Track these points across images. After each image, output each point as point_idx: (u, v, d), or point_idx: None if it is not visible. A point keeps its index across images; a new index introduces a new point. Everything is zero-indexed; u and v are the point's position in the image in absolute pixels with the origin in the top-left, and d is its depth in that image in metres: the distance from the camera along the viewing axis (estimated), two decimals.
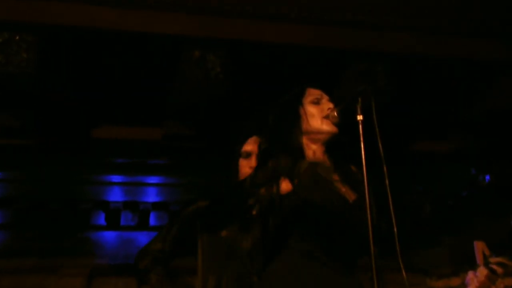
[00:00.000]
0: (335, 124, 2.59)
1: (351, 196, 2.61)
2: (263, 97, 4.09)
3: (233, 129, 5.36)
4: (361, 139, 2.45)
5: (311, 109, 2.66)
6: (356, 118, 2.47)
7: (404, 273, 2.34)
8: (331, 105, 2.66)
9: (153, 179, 6.25)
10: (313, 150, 2.61)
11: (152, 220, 6.40)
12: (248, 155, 3.27)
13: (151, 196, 6.33)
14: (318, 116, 2.63)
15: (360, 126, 2.46)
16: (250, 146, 3.28)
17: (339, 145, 2.64)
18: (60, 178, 5.94)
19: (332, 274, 2.48)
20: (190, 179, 6.27)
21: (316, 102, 2.68)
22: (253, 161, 3.22)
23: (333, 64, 4.77)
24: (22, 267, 5.72)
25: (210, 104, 4.89)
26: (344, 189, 2.63)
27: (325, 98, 2.71)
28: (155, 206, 6.41)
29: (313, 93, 2.72)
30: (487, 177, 6.14)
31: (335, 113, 2.58)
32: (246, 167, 3.24)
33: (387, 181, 2.47)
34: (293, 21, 4.57)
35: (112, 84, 4.96)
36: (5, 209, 5.90)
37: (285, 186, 2.45)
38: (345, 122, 2.57)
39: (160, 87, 4.89)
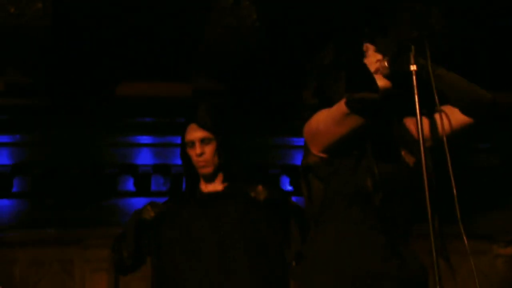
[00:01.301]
0: (387, 77, 2.57)
1: (410, 159, 2.63)
2: (306, 49, 4.10)
3: (269, 84, 5.39)
4: (415, 91, 2.45)
5: None
6: (408, 68, 2.47)
7: (465, 239, 2.36)
8: (379, 56, 2.64)
9: None
10: None
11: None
12: (192, 144, 3.70)
13: None
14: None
15: (414, 78, 2.46)
16: (191, 134, 3.72)
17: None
18: (82, 140, 5.99)
19: (387, 242, 2.51)
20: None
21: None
22: (197, 148, 3.66)
23: (382, 5, 4.72)
24: (43, 238, 5.82)
25: (245, 57, 4.89)
26: (403, 152, 2.65)
27: (371, 49, 2.69)
28: None
29: None
30: None
31: (386, 64, 2.57)
32: (194, 156, 3.68)
33: (445, 139, 2.47)
34: None
35: (137, 36, 5.00)
36: (22, 176, 5.97)
37: None
38: (396, 73, 2.56)
39: (189, 38, 4.90)
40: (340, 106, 2.40)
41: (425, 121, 2.57)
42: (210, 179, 3.76)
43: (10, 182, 5.88)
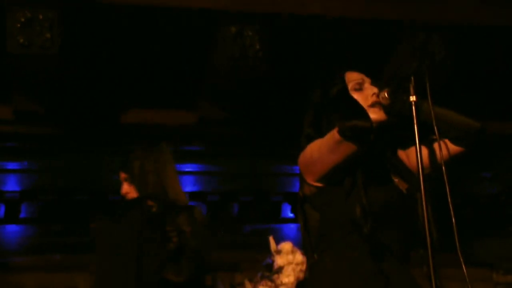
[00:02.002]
0: (386, 107, 2.60)
1: (403, 185, 2.65)
2: (307, 77, 4.14)
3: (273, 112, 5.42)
4: (415, 122, 2.48)
5: (354, 96, 2.67)
6: (408, 99, 2.50)
7: (464, 267, 2.38)
8: (375, 89, 2.66)
9: (188, 167, 6.31)
10: None
11: None
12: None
13: (187, 185, 6.39)
14: (363, 104, 2.64)
15: (414, 108, 2.48)
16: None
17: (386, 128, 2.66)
18: (88, 167, 6.02)
19: (388, 265, 2.53)
20: (228, 166, 6.33)
21: (359, 89, 2.68)
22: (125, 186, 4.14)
23: (383, 38, 4.77)
24: (50, 264, 5.83)
25: (249, 85, 4.92)
26: (396, 180, 2.67)
27: (367, 82, 2.70)
28: (192, 196, 6.45)
29: (353, 77, 2.72)
30: None
31: (386, 95, 2.59)
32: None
33: (443, 168, 2.50)
34: None
35: (142, 64, 5.04)
36: (29, 202, 5.99)
37: None
38: (394, 105, 2.58)
39: (194, 68, 4.94)
40: (333, 134, 2.42)
41: (422, 150, 2.59)
42: None
43: (18, 208, 5.89)
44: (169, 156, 4.21)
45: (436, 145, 2.60)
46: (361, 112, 2.50)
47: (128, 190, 4.10)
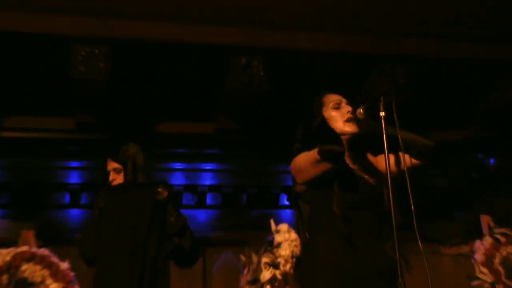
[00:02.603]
0: (361, 122, 2.61)
1: (371, 180, 2.66)
2: (300, 97, 4.14)
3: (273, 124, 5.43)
4: (384, 132, 2.49)
5: (333, 113, 2.67)
6: (379, 114, 2.51)
7: (420, 242, 2.39)
8: (350, 108, 2.66)
9: (208, 166, 6.32)
10: None
11: (209, 200, 6.47)
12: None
13: (207, 180, 6.40)
14: (340, 119, 2.64)
15: (383, 121, 2.50)
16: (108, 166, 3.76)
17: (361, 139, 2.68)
18: None
19: (364, 242, 2.54)
20: (239, 165, 6.35)
21: (337, 107, 2.69)
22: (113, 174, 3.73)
23: (361, 67, 4.79)
24: None
25: (255, 103, 4.94)
26: (366, 176, 2.68)
27: (344, 102, 2.70)
28: (211, 188, 6.46)
29: (333, 99, 2.71)
30: (492, 161, 6.10)
31: (362, 111, 2.60)
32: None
33: (406, 168, 2.52)
34: (325, 30, 4.60)
35: (173, 87, 5.05)
36: (88, 192, 5.99)
37: None
38: (367, 120, 2.60)
39: (213, 89, 4.95)
40: (314, 154, 2.43)
41: (390, 157, 2.60)
42: None
43: (79, 196, 5.91)
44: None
45: (400, 155, 2.62)
46: (336, 139, 2.52)
47: (115, 177, 3.75)
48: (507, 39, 4.80)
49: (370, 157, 2.80)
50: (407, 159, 2.59)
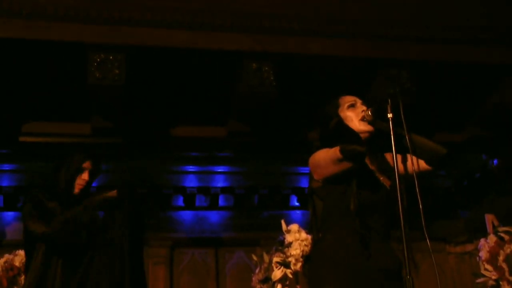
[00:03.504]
0: (371, 123, 2.60)
1: (387, 182, 2.65)
2: (310, 102, 4.13)
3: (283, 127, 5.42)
4: (392, 133, 2.48)
5: (348, 113, 2.68)
6: (387, 116, 2.50)
7: (428, 241, 2.37)
8: (364, 108, 2.67)
9: (220, 168, 6.32)
10: None
11: (221, 201, 6.47)
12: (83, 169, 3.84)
13: (220, 182, 6.40)
14: (355, 118, 2.65)
15: (391, 122, 2.48)
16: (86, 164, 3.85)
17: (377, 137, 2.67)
18: (147, 168, 6.05)
19: (373, 241, 2.52)
20: (250, 167, 6.34)
21: (352, 106, 2.70)
22: (85, 175, 3.84)
23: (366, 72, 4.76)
24: None
25: (265, 107, 4.92)
26: (381, 178, 2.66)
27: (359, 102, 2.73)
28: (223, 190, 6.46)
29: (348, 99, 2.74)
30: (495, 161, 6.07)
31: (370, 113, 2.60)
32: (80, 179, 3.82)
33: (414, 168, 2.50)
34: (332, 36, 4.59)
35: (186, 92, 5.04)
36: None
37: None
38: (377, 120, 2.58)
39: (225, 94, 4.94)
40: (336, 152, 2.42)
41: (400, 158, 2.59)
42: None
43: None
44: None
45: (411, 158, 2.61)
46: (357, 139, 2.52)
47: (88, 178, 3.88)
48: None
49: (387, 156, 2.79)
50: (419, 164, 2.58)
